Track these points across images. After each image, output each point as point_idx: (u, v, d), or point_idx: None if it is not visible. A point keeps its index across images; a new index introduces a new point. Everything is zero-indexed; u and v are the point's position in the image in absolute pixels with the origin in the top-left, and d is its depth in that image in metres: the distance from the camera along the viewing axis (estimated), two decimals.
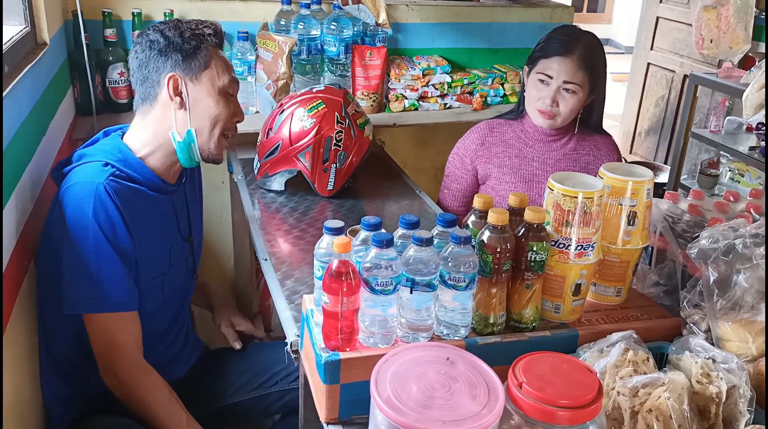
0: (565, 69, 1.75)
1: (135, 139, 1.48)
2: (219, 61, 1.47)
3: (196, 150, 1.49)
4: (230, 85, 1.49)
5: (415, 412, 0.83)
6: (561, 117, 1.81)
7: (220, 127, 1.49)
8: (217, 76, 1.46)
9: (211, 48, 1.46)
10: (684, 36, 4.22)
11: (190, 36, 1.44)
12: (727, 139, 3.26)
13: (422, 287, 1.03)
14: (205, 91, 1.46)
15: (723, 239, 1.15)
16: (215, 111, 1.47)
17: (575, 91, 1.77)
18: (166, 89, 1.43)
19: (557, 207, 1.12)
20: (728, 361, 1.03)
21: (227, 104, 1.48)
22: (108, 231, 1.33)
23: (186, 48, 1.43)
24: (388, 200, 1.97)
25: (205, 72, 1.45)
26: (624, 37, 8.65)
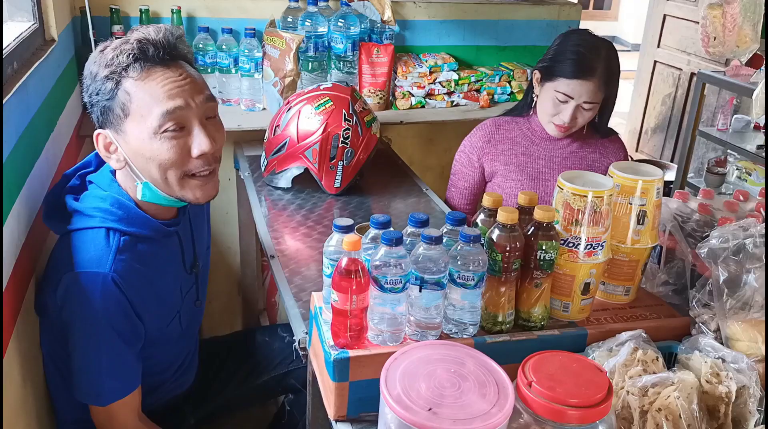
0: (586, 91, 1.73)
1: (125, 185, 1.31)
2: (142, 98, 1.19)
3: (170, 198, 1.29)
4: (163, 123, 1.19)
5: (425, 410, 0.83)
6: (575, 128, 1.83)
7: (173, 174, 1.24)
8: (142, 120, 1.19)
9: (131, 83, 1.19)
10: (691, 34, 4.21)
11: (104, 77, 1.20)
12: (734, 138, 3.25)
13: (431, 285, 1.03)
14: (136, 144, 1.22)
15: (733, 239, 1.14)
16: (155, 160, 1.22)
17: (593, 107, 1.78)
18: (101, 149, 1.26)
19: (567, 206, 1.11)
20: (738, 360, 1.03)
21: (168, 148, 1.21)
22: (120, 327, 1.24)
23: (101, 99, 1.21)
24: (395, 198, 1.97)
25: (127, 121, 1.21)
26: (630, 34, 8.61)
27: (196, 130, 1.24)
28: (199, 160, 1.25)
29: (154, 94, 1.19)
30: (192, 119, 1.23)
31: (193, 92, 1.23)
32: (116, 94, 1.20)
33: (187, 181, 1.27)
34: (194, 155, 1.24)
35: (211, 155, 1.26)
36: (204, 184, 1.29)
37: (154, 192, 1.27)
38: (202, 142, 1.23)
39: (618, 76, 1.80)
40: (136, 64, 1.19)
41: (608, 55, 1.76)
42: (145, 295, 1.30)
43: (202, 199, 1.30)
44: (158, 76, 1.20)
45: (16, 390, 1.20)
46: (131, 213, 1.28)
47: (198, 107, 1.24)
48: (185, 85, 1.22)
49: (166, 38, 1.23)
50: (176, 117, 1.21)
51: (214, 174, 1.31)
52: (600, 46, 1.77)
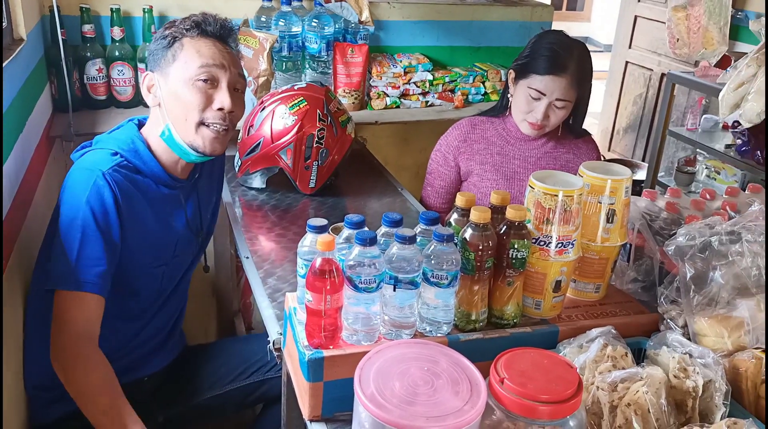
0: (558, 87, 1.76)
1: (149, 134, 1.50)
2: (191, 51, 1.44)
3: (183, 144, 1.46)
4: (200, 73, 1.43)
5: (399, 408, 0.84)
6: (549, 127, 1.85)
7: (194, 116, 1.44)
8: (184, 66, 1.43)
9: (188, 40, 1.44)
10: (662, 35, 4.26)
11: (168, 33, 1.45)
12: (703, 137, 3.31)
13: (405, 285, 1.04)
14: (174, 84, 1.44)
15: (699, 236, 1.17)
16: (183, 101, 1.44)
17: (565, 106, 1.80)
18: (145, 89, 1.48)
19: (538, 205, 1.13)
20: (704, 356, 1.05)
21: (197, 92, 1.43)
22: (99, 216, 1.35)
23: (159, 46, 1.45)
24: (370, 198, 1.97)
25: (173, 65, 1.44)
26: (603, 35, 8.72)
27: (223, 89, 1.45)
28: (217, 112, 1.45)
29: (201, 51, 1.44)
30: (222, 80, 1.45)
31: (230, 62, 1.47)
32: (173, 44, 1.44)
33: (201, 129, 1.45)
34: (215, 107, 1.45)
35: (228, 113, 1.46)
36: (215, 137, 1.47)
37: (172, 135, 1.46)
38: (224, 99, 1.45)
39: (591, 77, 1.83)
40: (196, 28, 1.45)
41: (581, 55, 1.79)
42: (135, 211, 1.42)
43: (209, 149, 1.47)
44: (209, 42, 1.46)
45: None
46: (140, 149, 1.47)
47: (231, 74, 1.47)
48: (227, 56, 1.48)
49: (223, 23, 1.50)
50: (211, 72, 1.44)
51: (227, 133, 1.49)
52: (573, 46, 1.79)
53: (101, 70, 2.15)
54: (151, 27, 2.16)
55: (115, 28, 2.13)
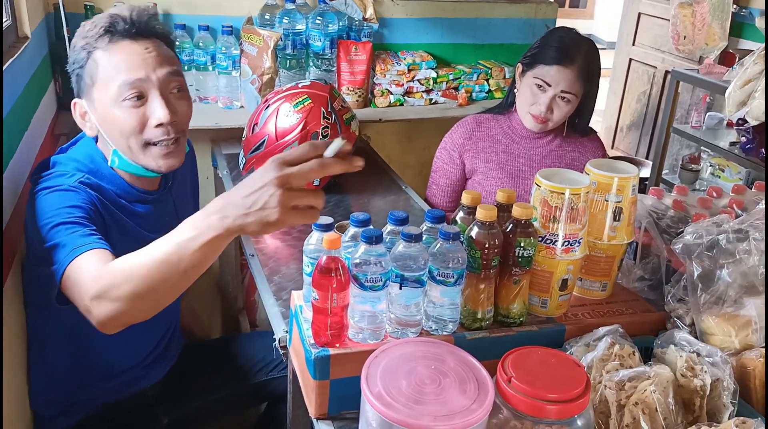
0: (564, 79, 1.76)
1: (104, 149, 1.38)
2: (106, 68, 1.27)
3: (138, 166, 1.34)
4: (124, 93, 1.26)
5: (406, 407, 0.84)
6: (553, 122, 1.84)
7: (135, 141, 1.30)
8: (105, 88, 1.27)
9: (100, 54, 1.27)
10: (665, 32, 4.25)
11: (80, 47, 1.29)
12: (708, 135, 3.30)
13: (411, 283, 1.04)
14: (102, 110, 1.29)
15: (707, 235, 1.16)
16: (117, 126, 1.29)
17: (570, 99, 1.79)
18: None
19: (544, 203, 1.13)
20: (712, 354, 1.04)
21: (129, 115, 1.28)
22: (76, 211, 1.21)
23: (75, 68, 1.31)
24: (374, 196, 1.97)
25: (94, 89, 1.29)
26: (606, 32, 8.69)
27: (155, 100, 1.29)
28: (158, 128, 1.30)
29: (117, 64, 1.27)
30: (152, 90, 1.29)
31: (155, 65, 1.29)
32: (87, 62, 1.28)
33: (149, 149, 1.32)
34: (152, 124, 1.29)
35: (171, 125, 1.31)
36: (166, 153, 1.33)
37: (123, 159, 1.33)
38: (159, 112, 1.28)
39: (597, 75, 1.83)
40: (105, 35, 1.27)
41: (589, 51, 1.80)
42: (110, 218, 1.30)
43: (164, 168, 1.34)
44: (124, 49, 1.28)
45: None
46: (101, 167, 1.35)
47: (159, 79, 1.29)
48: (148, 58, 1.28)
49: (137, 15, 1.30)
50: (135, 87, 1.27)
51: (178, 144, 1.35)
52: (583, 42, 1.81)
53: None
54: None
55: None
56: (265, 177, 0.93)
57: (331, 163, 0.94)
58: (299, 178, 0.92)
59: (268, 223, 0.93)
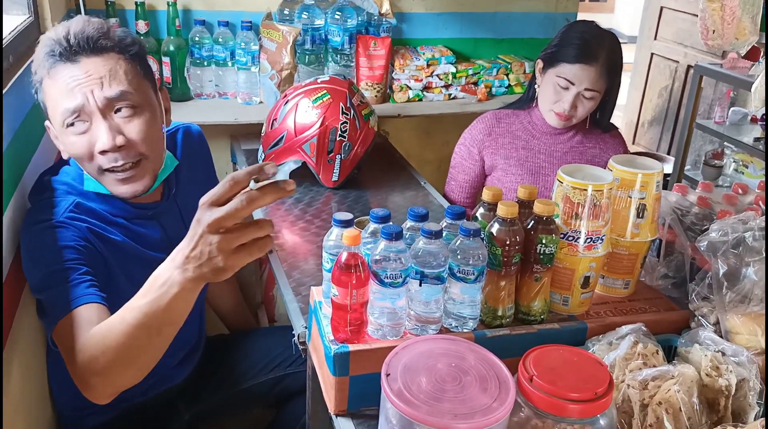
0: (588, 77, 1.74)
1: None
2: (49, 96, 1.22)
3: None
4: (64, 118, 1.20)
5: (427, 404, 0.83)
6: (576, 119, 1.82)
7: (88, 166, 1.25)
8: (54, 113, 1.22)
9: (46, 80, 1.22)
10: (688, 26, 4.20)
11: (33, 72, 1.25)
12: (731, 130, 3.25)
13: (431, 280, 1.03)
14: (59, 137, 1.26)
15: (732, 232, 1.14)
16: (69, 152, 1.25)
17: (594, 96, 1.77)
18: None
19: (567, 199, 1.11)
20: (738, 354, 1.03)
21: (75, 142, 1.22)
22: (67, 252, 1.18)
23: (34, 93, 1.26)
24: (393, 191, 1.96)
25: (48, 113, 1.25)
26: (627, 26, 8.59)
27: (96, 126, 1.21)
28: (105, 155, 1.22)
29: (57, 91, 1.20)
30: (94, 115, 1.21)
31: (93, 87, 1.20)
32: (39, 90, 1.24)
33: (105, 176, 1.25)
34: (97, 151, 1.22)
35: (119, 151, 1.22)
36: (122, 178, 1.25)
37: (93, 182, 1.28)
38: (101, 139, 1.21)
39: (620, 69, 1.80)
40: (47, 61, 1.21)
41: (612, 46, 1.77)
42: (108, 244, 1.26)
43: (126, 194, 1.27)
44: (61, 75, 1.20)
45: (16, 382, 1.20)
46: (90, 187, 1.29)
47: (99, 103, 1.20)
48: (84, 81, 1.20)
49: (75, 35, 1.20)
50: (74, 114, 1.20)
51: (138, 168, 1.26)
52: (605, 36, 1.77)
53: None
54: (176, 20, 2.16)
55: (139, 22, 2.14)
56: (198, 227, 0.88)
57: (258, 195, 0.86)
58: (229, 219, 0.86)
59: (221, 270, 0.89)
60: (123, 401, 1.43)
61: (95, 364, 1.02)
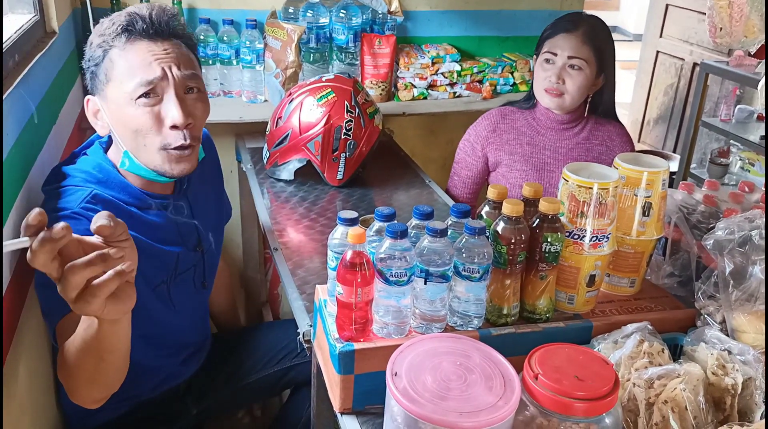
0: (569, 44, 1.77)
1: (113, 155, 1.34)
2: (122, 66, 1.24)
3: (149, 170, 1.30)
4: (138, 90, 1.24)
5: (432, 403, 0.83)
6: (569, 95, 1.80)
7: (151, 141, 1.27)
8: (120, 86, 1.24)
9: (116, 52, 1.25)
10: (693, 23, 4.18)
11: (97, 45, 1.27)
12: (737, 128, 3.24)
13: (436, 278, 1.03)
14: (116, 109, 1.26)
15: (739, 230, 1.14)
16: (132, 126, 1.26)
17: (581, 66, 1.77)
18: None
19: (572, 198, 1.11)
20: (744, 352, 1.02)
21: (143, 114, 1.25)
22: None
23: (91, 65, 1.28)
24: (398, 190, 1.96)
25: (109, 87, 1.26)
26: (632, 24, 8.57)
27: (170, 101, 1.26)
28: (173, 131, 1.27)
29: (133, 63, 1.24)
30: (167, 89, 1.26)
31: (174, 62, 1.26)
32: (102, 60, 1.26)
33: (163, 152, 1.28)
34: (167, 125, 1.26)
35: (185, 129, 1.27)
36: (179, 157, 1.29)
37: (133, 162, 1.30)
38: (174, 113, 1.25)
39: (610, 48, 1.83)
40: (123, 34, 1.25)
41: (594, 22, 1.82)
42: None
43: (176, 172, 1.30)
44: (141, 47, 1.25)
45: (22, 384, 1.20)
46: (110, 176, 1.30)
47: (176, 80, 1.26)
48: (165, 58, 1.26)
49: (157, 15, 1.27)
50: (151, 86, 1.24)
51: (192, 150, 1.31)
52: (586, 15, 1.86)
53: None
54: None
55: None
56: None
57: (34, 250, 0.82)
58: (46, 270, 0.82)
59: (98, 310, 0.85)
60: (130, 399, 1.45)
61: (64, 379, 1.07)
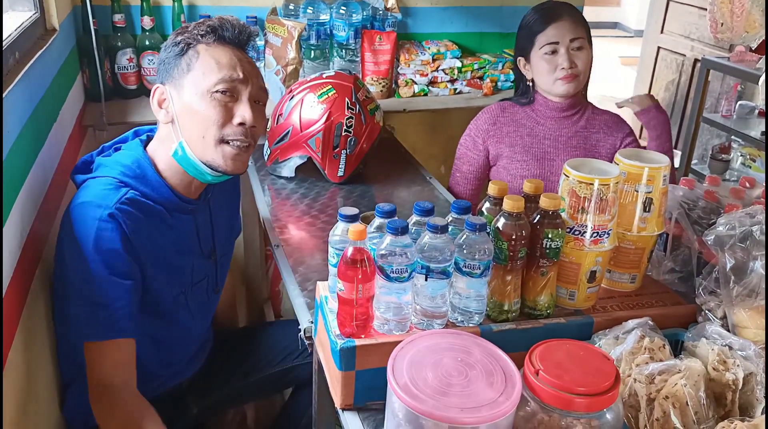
0: (566, 29, 1.80)
1: (156, 152, 1.39)
2: (208, 60, 1.32)
3: (199, 163, 1.35)
4: (220, 84, 1.31)
5: (433, 399, 0.83)
6: (582, 75, 1.84)
7: (213, 133, 1.32)
8: (202, 77, 1.31)
9: (203, 47, 1.33)
10: (695, 19, 4.18)
11: (180, 40, 1.34)
12: (738, 124, 3.24)
13: (437, 274, 1.03)
14: (189, 97, 1.32)
15: (740, 226, 1.13)
16: (200, 115, 1.31)
17: (582, 45, 1.82)
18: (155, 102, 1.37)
19: (573, 194, 1.11)
20: (745, 348, 1.02)
21: (216, 106, 1.31)
22: (111, 261, 1.26)
23: (170, 55, 1.34)
24: (399, 186, 1.96)
25: (188, 76, 1.32)
26: (633, 20, 8.56)
27: (244, 102, 1.34)
28: (239, 127, 1.33)
29: (220, 60, 1.33)
30: (244, 93, 1.35)
31: (251, 73, 1.37)
32: (186, 51, 1.33)
33: (223, 147, 1.34)
34: (235, 122, 1.33)
35: (250, 129, 1.35)
36: (237, 154, 1.35)
37: (186, 153, 1.34)
38: (245, 112, 1.33)
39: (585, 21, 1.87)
40: (212, 34, 1.34)
41: (569, 7, 1.86)
42: (150, 246, 1.32)
43: (230, 168, 1.36)
44: (227, 50, 1.35)
45: (23, 384, 1.20)
46: (147, 174, 1.35)
47: (252, 86, 1.36)
48: (248, 66, 1.37)
49: (243, 28, 1.38)
50: (232, 85, 1.33)
51: (248, 151, 1.38)
52: (559, 3, 1.87)
53: (132, 59, 2.17)
54: (181, 16, 2.16)
55: (145, 18, 2.14)
56: None
57: None
58: None
59: None
60: None
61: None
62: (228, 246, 1.65)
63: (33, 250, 1.32)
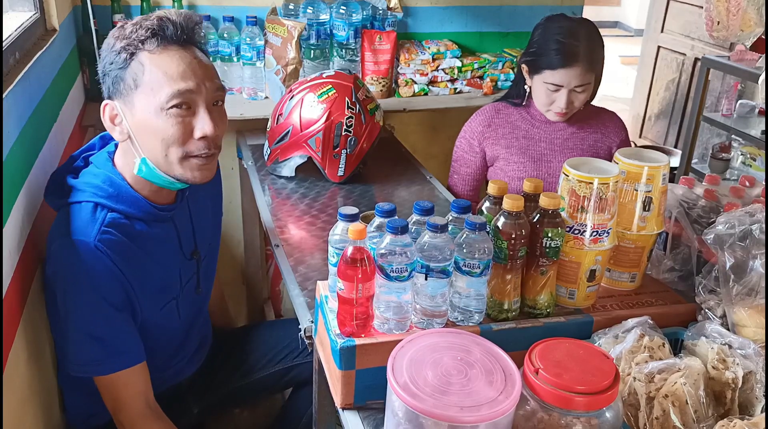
0: (574, 76, 1.76)
1: (123, 167, 1.32)
2: (155, 73, 1.21)
3: (166, 177, 1.29)
4: (173, 100, 1.21)
5: (432, 397, 0.84)
6: (575, 109, 1.85)
7: (174, 151, 1.25)
8: (152, 94, 1.21)
9: (146, 56, 1.21)
10: (695, 18, 4.17)
11: (121, 48, 1.22)
12: (739, 123, 3.23)
13: (437, 274, 1.03)
14: (142, 116, 1.23)
15: (739, 225, 1.14)
16: (158, 134, 1.23)
17: (585, 88, 1.80)
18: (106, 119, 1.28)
19: (572, 193, 1.11)
20: (745, 346, 1.02)
21: (173, 124, 1.23)
22: (106, 293, 1.25)
23: (113, 68, 1.23)
24: (399, 186, 1.96)
25: (136, 93, 1.22)
26: (633, 19, 8.55)
27: (201, 113, 1.26)
28: (200, 141, 1.27)
29: (168, 71, 1.22)
30: (199, 102, 1.25)
31: (204, 77, 1.26)
32: (130, 64, 1.22)
33: (188, 161, 1.28)
34: (196, 136, 1.26)
35: (212, 139, 1.28)
36: (203, 165, 1.30)
37: (151, 169, 1.28)
38: (205, 125, 1.25)
39: (602, 51, 1.81)
40: (153, 38, 1.22)
41: (589, 37, 1.77)
42: (137, 270, 1.30)
43: (199, 179, 1.31)
44: (174, 55, 1.23)
45: (24, 384, 1.20)
46: (121, 191, 1.30)
47: (207, 92, 1.26)
48: (198, 69, 1.25)
49: (186, 21, 1.25)
50: (185, 97, 1.23)
51: (214, 158, 1.33)
52: (579, 31, 1.77)
53: None
54: None
55: None
56: None
57: None
58: None
59: None
60: None
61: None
62: (214, 239, 1.61)
63: (33, 250, 1.32)
